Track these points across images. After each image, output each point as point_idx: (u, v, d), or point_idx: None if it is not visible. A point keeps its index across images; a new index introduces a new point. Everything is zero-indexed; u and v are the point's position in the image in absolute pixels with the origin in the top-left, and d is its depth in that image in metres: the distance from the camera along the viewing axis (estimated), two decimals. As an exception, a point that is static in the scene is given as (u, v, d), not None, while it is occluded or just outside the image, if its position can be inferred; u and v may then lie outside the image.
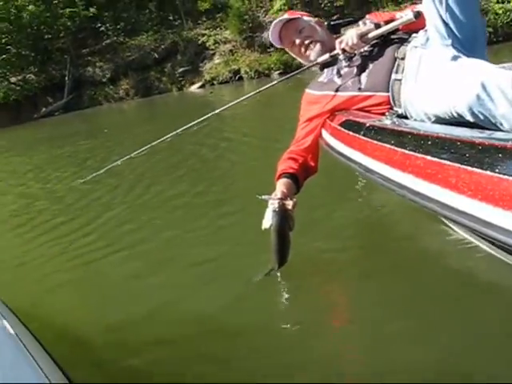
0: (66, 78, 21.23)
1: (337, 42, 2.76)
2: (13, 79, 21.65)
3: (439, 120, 2.24)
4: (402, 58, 2.50)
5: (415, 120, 2.40)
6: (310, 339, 2.15)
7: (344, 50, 2.72)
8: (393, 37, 2.67)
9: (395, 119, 2.35)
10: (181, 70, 20.50)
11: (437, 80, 2.26)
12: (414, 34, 2.57)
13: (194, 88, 19.93)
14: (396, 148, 1.99)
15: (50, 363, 1.50)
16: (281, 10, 20.42)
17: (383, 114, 2.52)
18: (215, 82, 19.71)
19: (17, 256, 3.85)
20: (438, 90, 2.22)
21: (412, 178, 1.84)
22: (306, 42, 2.90)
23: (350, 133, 2.45)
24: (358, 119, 2.50)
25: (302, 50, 2.91)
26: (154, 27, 21.59)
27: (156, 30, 21.56)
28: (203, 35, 21.00)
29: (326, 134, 2.75)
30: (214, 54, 20.54)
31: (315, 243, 2.87)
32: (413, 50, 2.47)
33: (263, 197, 2.55)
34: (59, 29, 21.83)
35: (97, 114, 18.35)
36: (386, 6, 18.41)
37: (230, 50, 20.29)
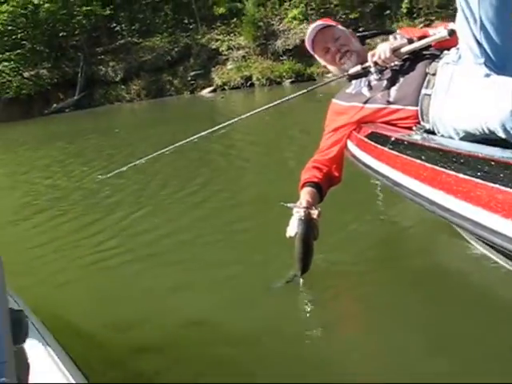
0: (79, 76, 21.31)
1: (369, 54, 2.78)
2: (26, 74, 21.75)
3: (469, 136, 2.26)
4: (433, 74, 2.52)
5: (442, 136, 2.43)
6: (324, 347, 2.17)
7: (376, 63, 2.74)
8: (424, 52, 2.68)
9: (424, 134, 2.37)
10: (193, 73, 20.56)
11: (468, 96, 2.28)
12: (445, 51, 2.59)
13: (205, 92, 19.97)
14: (427, 164, 2.01)
15: (69, 363, 1.52)
16: (295, 18, 20.50)
17: (409, 128, 2.54)
18: (226, 88, 19.76)
19: (32, 249, 3.89)
20: (470, 106, 2.24)
21: (443, 195, 1.87)
22: (342, 50, 2.91)
23: (378, 145, 2.47)
24: (384, 132, 2.52)
25: (337, 57, 2.92)
26: (168, 30, 21.67)
27: (170, 33, 21.63)
28: (217, 40, 21.06)
29: (351, 145, 2.77)
30: (226, 60, 20.58)
31: (333, 254, 2.88)
32: (444, 66, 2.49)
33: (289, 205, 2.58)
34: (74, 26, 21.94)
35: (108, 112, 18.42)
36: (401, 20, 18.45)
37: (243, 56, 20.34)
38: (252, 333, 2.35)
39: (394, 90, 2.66)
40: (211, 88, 20.00)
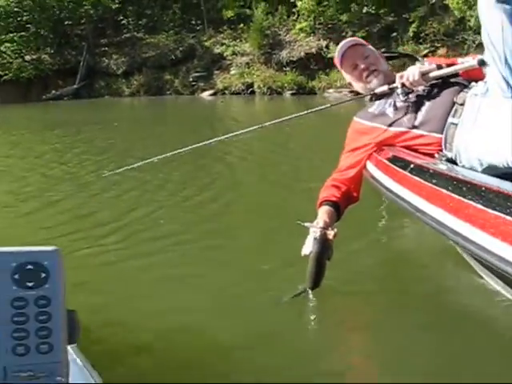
0: (81, 65, 21.28)
1: (398, 75, 2.79)
2: (27, 57, 21.68)
3: (492, 169, 2.26)
4: (461, 104, 2.52)
5: (464, 166, 2.42)
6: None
7: (403, 85, 2.75)
8: (452, 81, 2.69)
9: (448, 164, 2.37)
10: (195, 74, 20.57)
11: (495, 129, 2.28)
12: (473, 83, 2.60)
13: (205, 94, 19.99)
14: (453, 194, 2.00)
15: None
16: (302, 31, 20.58)
17: (431, 154, 2.54)
18: (227, 92, 19.78)
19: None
20: (497, 139, 2.24)
21: (469, 227, 1.85)
22: (371, 68, 2.93)
23: (400, 169, 2.46)
24: (406, 157, 2.51)
25: (364, 75, 2.93)
26: (175, 28, 21.70)
27: (176, 32, 21.65)
28: (222, 44, 21.09)
29: (371, 166, 2.76)
30: (230, 65, 20.62)
31: (339, 277, 2.87)
32: (472, 97, 2.49)
33: (305, 224, 2.57)
34: (81, 15, 21.91)
35: (107, 105, 18.39)
36: (406, 44, 18.57)
37: (247, 63, 20.38)
38: (251, 343, 2.33)
39: (419, 115, 2.66)
40: (212, 91, 20.02)
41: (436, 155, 2.51)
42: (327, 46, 20.09)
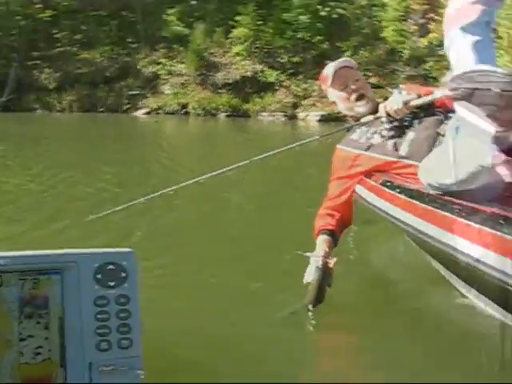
0: (10, 77, 20.69)
1: (381, 105, 2.89)
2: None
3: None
4: (444, 135, 2.62)
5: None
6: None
7: (388, 114, 2.82)
8: (433, 111, 2.81)
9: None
10: (129, 93, 20.36)
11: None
12: (450, 114, 2.68)
13: (139, 113, 19.80)
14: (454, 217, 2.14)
15: None
16: (239, 54, 20.75)
17: (419, 182, 2.62)
18: (161, 112, 19.66)
19: None
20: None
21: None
22: (361, 91, 3.00)
23: (395, 193, 2.58)
24: (400, 182, 2.65)
25: (354, 96, 3.01)
26: (110, 45, 21.43)
27: (112, 49, 21.40)
28: (158, 63, 21.00)
29: (362, 190, 2.86)
30: (165, 84, 20.53)
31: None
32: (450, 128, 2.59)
33: (306, 254, 2.73)
34: (12, 26, 21.38)
35: (37, 119, 17.93)
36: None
37: (182, 83, 20.35)
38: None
39: (405, 145, 2.78)
40: (146, 110, 19.86)
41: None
42: (262, 71, 20.32)
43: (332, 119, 18.20)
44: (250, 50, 20.54)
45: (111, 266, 1.21)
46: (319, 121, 18.54)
